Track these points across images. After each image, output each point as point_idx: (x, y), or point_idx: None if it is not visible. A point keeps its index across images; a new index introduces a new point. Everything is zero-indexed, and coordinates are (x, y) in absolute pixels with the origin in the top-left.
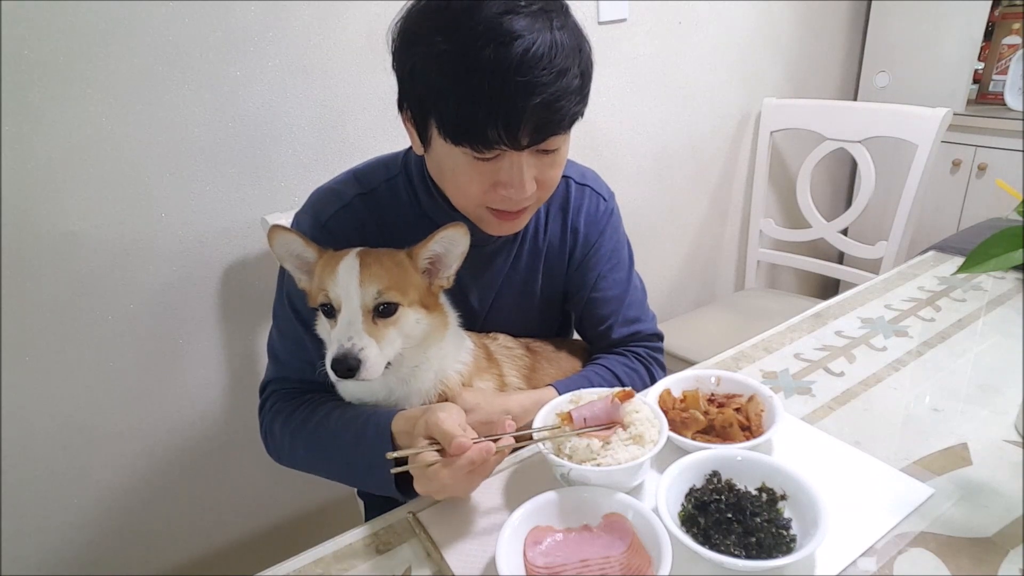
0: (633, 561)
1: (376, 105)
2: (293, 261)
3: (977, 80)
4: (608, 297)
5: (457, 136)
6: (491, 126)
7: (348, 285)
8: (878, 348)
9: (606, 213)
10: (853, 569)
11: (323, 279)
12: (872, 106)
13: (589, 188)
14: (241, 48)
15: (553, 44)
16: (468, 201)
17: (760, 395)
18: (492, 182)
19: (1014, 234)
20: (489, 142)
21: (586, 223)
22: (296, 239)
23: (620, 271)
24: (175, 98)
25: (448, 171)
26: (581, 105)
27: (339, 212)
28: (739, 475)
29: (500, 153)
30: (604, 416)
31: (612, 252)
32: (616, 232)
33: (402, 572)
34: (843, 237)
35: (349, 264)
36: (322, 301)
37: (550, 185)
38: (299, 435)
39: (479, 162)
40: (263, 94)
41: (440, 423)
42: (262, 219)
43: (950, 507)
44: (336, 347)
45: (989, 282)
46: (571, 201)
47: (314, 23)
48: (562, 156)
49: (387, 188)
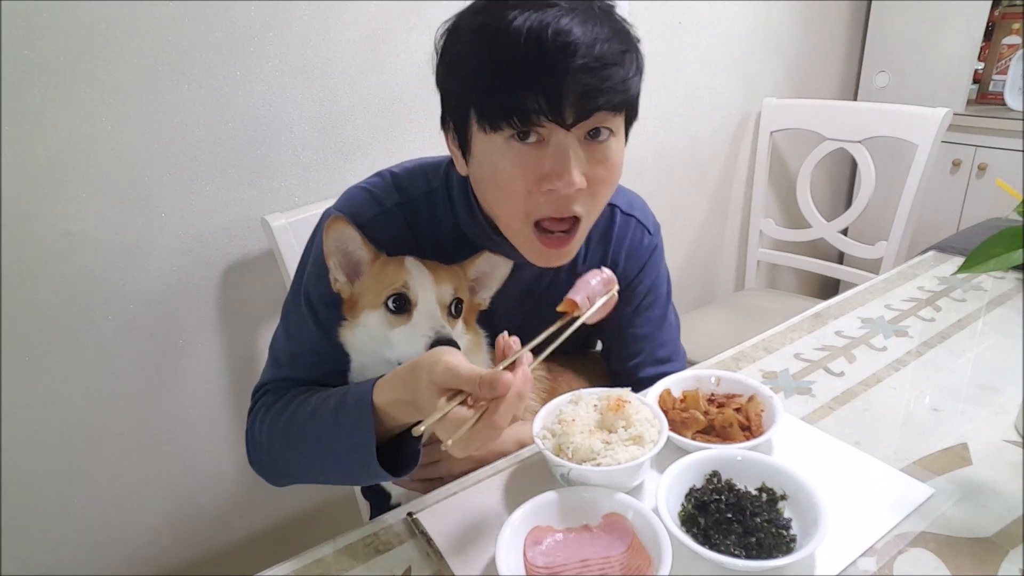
0: (633, 561)
1: (376, 105)
2: (339, 258)
3: (977, 80)
4: (640, 335)
5: (495, 115)
6: (530, 93)
7: (424, 280)
8: (878, 348)
9: (649, 248)
10: (853, 569)
11: (390, 276)
12: (872, 106)
13: (635, 220)
14: (241, 48)
15: (596, 16)
16: (514, 210)
17: (760, 395)
18: (536, 176)
19: (1014, 234)
20: (529, 115)
21: (627, 256)
22: (355, 235)
23: (656, 308)
24: (175, 98)
25: (489, 174)
26: (633, 81)
27: (377, 217)
28: (739, 475)
29: (543, 137)
30: (602, 288)
31: (650, 289)
32: (657, 268)
33: (402, 572)
34: (843, 237)
35: (417, 263)
36: (394, 292)
37: (601, 192)
38: (276, 426)
39: (522, 151)
40: (263, 94)
41: (459, 368)
42: (262, 219)
43: (950, 507)
44: (431, 333)
45: (989, 282)
46: (615, 231)
47: (314, 23)
48: (614, 156)
49: (426, 200)
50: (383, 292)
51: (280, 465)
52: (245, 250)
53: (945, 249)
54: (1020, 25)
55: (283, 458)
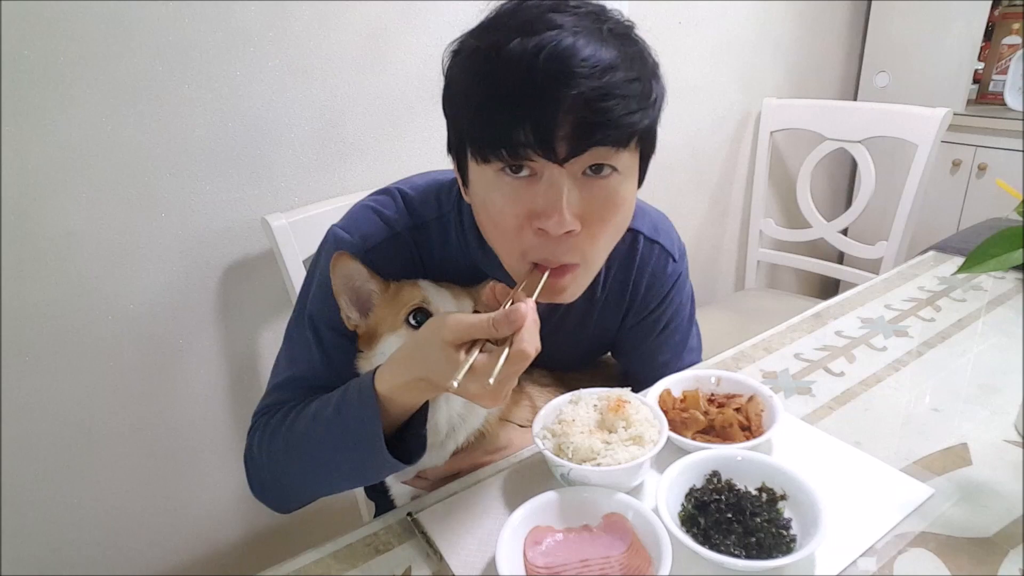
0: (633, 561)
1: (376, 105)
2: (349, 295)
3: (977, 80)
4: (660, 362)
5: (484, 145)
6: (518, 125)
7: (442, 296)
8: (878, 348)
9: (672, 276)
10: (853, 569)
11: (405, 296)
12: (872, 106)
13: (659, 246)
14: (241, 48)
15: (600, 39)
16: (509, 247)
17: (760, 395)
18: (527, 212)
19: (1014, 234)
20: (518, 148)
21: (648, 285)
22: (362, 270)
23: (677, 335)
24: (175, 98)
25: (483, 207)
26: (642, 114)
27: (387, 241)
28: (739, 475)
29: (536, 171)
30: None
31: (671, 318)
32: (680, 294)
33: (402, 572)
34: (843, 237)
35: (430, 284)
36: (414, 308)
37: (602, 236)
38: (275, 441)
39: (513, 185)
40: (263, 94)
41: (468, 319)
42: (262, 219)
43: (950, 507)
44: None
45: (989, 282)
46: (637, 258)
47: (314, 23)
48: (620, 196)
49: (437, 226)
50: (401, 311)
51: (283, 483)
52: (245, 250)
53: (945, 249)
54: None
55: (285, 473)
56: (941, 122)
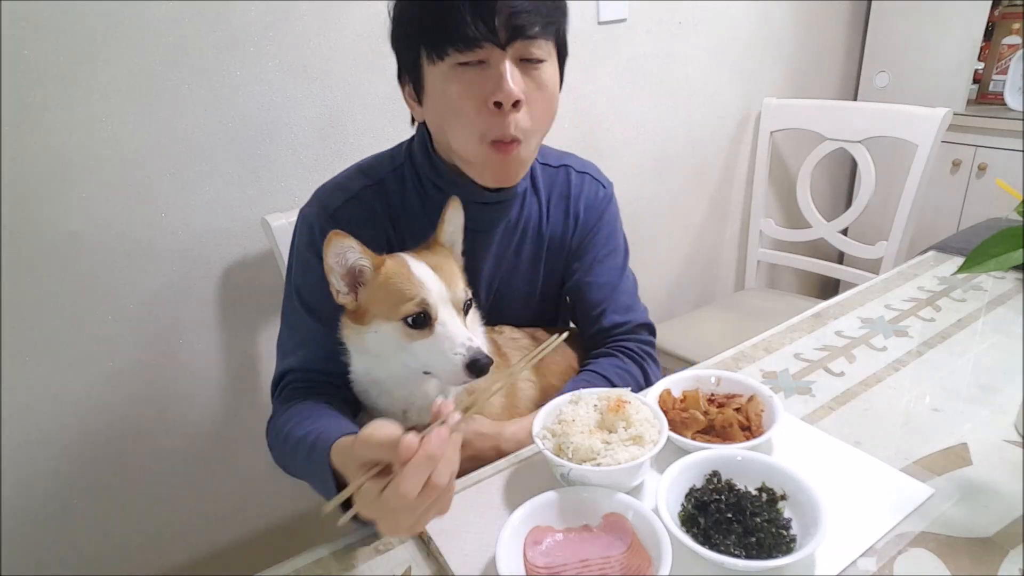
0: (633, 561)
1: (376, 105)
2: (340, 271)
3: (977, 80)
4: (602, 283)
5: (441, 41)
6: (471, 15)
7: (439, 289)
8: (878, 348)
9: (605, 199)
10: (853, 569)
11: (401, 288)
12: (872, 106)
13: (589, 176)
14: (241, 48)
15: None
16: (469, 130)
17: (760, 395)
18: (482, 93)
19: (1014, 234)
20: (471, 38)
21: (585, 208)
22: (354, 245)
23: (616, 258)
24: (175, 98)
25: (443, 101)
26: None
27: (347, 203)
28: (739, 475)
29: (484, 59)
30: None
31: (608, 238)
32: (614, 220)
33: (402, 572)
34: (843, 237)
35: (423, 269)
36: (412, 312)
37: (538, 115)
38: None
39: (467, 74)
40: (263, 94)
41: (372, 437)
42: (262, 219)
43: (950, 507)
44: (463, 351)
45: (989, 282)
46: (571, 188)
47: (314, 23)
48: (549, 81)
49: (394, 178)
50: (397, 308)
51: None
52: (245, 250)
53: (945, 249)
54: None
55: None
56: (941, 122)
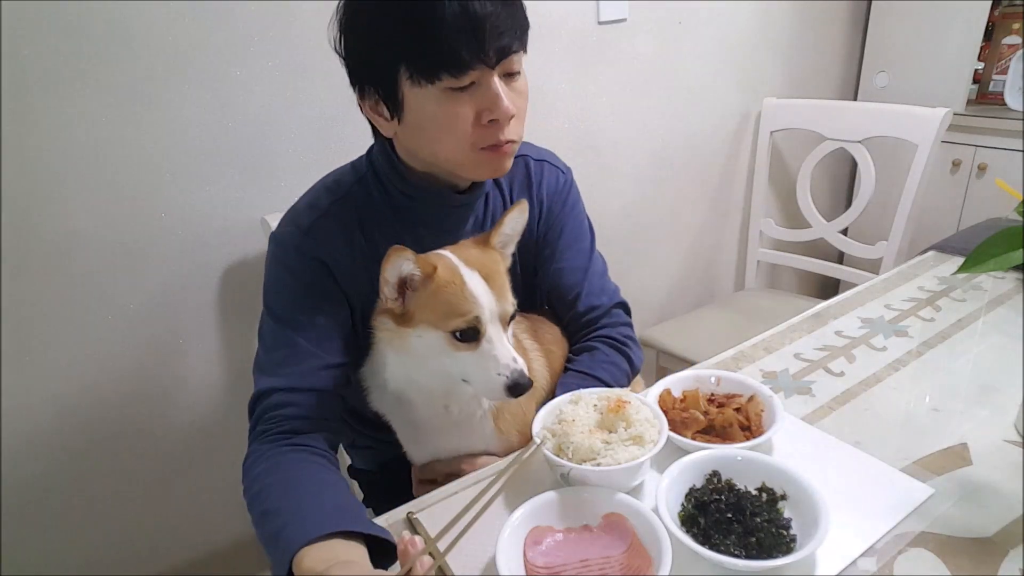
0: (633, 561)
1: None
2: (396, 282)
3: (977, 80)
4: (574, 267)
5: (433, 67)
6: (463, 42)
7: (490, 304)
8: (878, 348)
9: (567, 185)
10: (853, 569)
11: (457, 304)
12: (872, 106)
13: (547, 163)
14: (241, 49)
15: None
16: (461, 145)
17: (760, 395)
18: (476, 112)
19: (1014, 234)
20: (464, 64)
21: (549, 195)
22: (411, 256)
23: (583, 241)
24: (175, 98)
25: (432, 121)
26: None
27: (320, 220)
28: (739, 475)
29: (475, 80)
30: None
31: (575, 223)
32: (577, 204)
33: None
34: (843, 237)
35: (476, 281)
36: (464, 327)
37: (522, 116)
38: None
39: (459, 96)
40: (263, 94)
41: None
42: (262, 219)
43: (950, 507)
44: (507, 372)
45: (989, 282)
46: (532, 176)
47: (314, 23)
48: (525, 89)
49: (360, 189)
50: (447, 321)
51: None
52: (245, 250)
53: (945, 249)
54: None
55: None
56: (941, 122)
